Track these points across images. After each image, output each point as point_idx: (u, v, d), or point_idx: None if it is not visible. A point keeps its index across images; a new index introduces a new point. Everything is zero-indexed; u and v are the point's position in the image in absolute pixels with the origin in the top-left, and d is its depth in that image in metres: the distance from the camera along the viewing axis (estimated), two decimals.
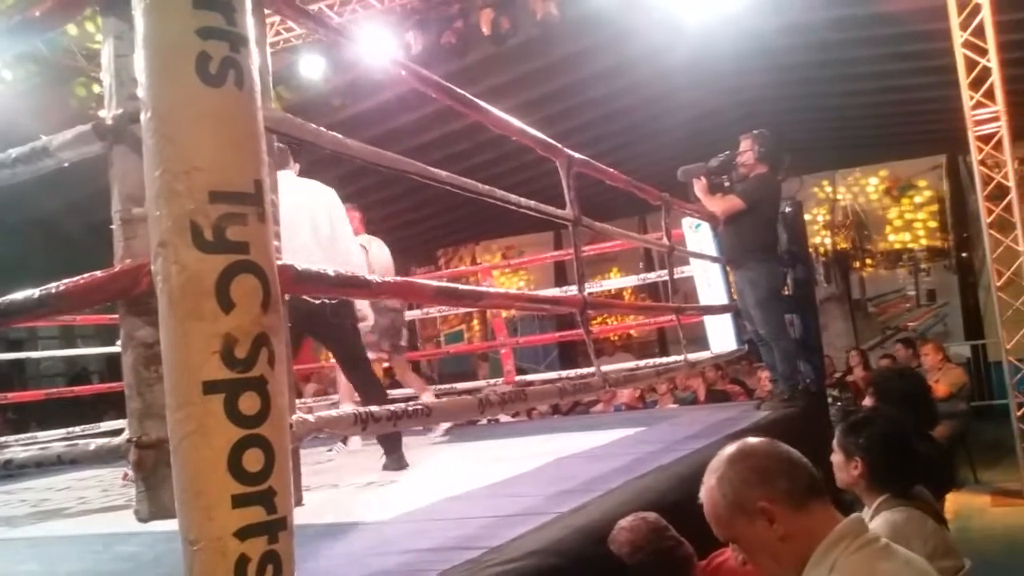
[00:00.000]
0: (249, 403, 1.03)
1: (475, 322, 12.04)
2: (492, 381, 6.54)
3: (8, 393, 7.18)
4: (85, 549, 2.52)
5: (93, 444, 1.68)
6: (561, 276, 10.54)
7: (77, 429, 5.47)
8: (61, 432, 5.37)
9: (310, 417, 1.58)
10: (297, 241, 3.26)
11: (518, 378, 5.71)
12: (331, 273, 1.59)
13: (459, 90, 2.35)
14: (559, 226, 9.39)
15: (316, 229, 3.37)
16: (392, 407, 1.89)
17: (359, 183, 7.67)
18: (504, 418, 6.25)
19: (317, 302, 3.12)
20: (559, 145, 2.96)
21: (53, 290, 1.63)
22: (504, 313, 6.26)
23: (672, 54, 6.92)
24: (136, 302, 1.60)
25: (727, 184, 4.69)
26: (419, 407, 1.84)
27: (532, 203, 2.70)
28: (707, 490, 1.43)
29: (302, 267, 1.55)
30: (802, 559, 1.32)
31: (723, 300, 5.17)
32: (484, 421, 6.05)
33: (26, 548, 2.68)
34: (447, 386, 6.15)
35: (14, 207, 7.69)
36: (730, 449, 1.44)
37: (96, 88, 8.31)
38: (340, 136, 1.88)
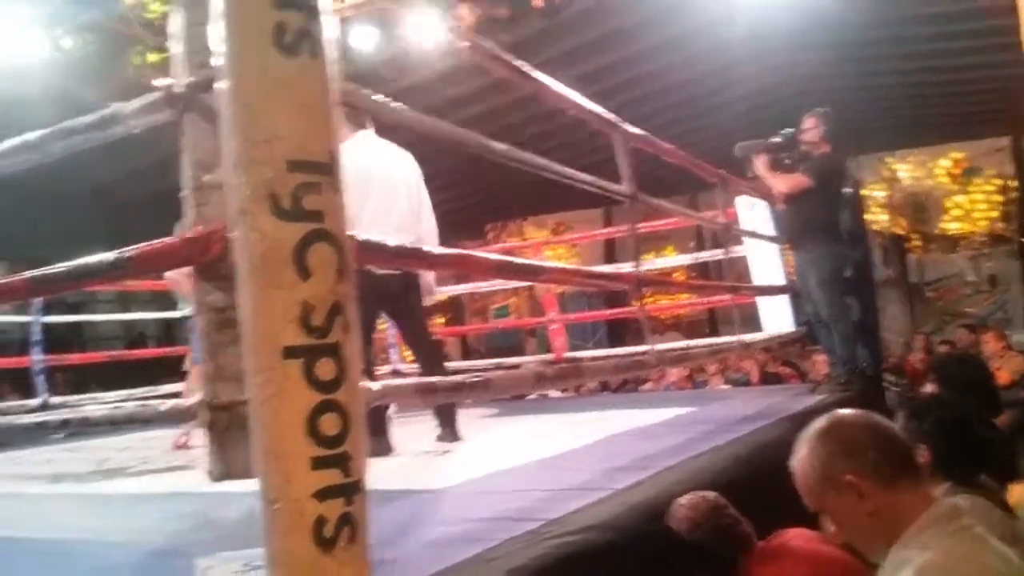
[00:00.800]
0: (326, 368, 1.05)
1: (519, 298, 12.06)
2: (541, 357, 6.56)
3: (69, 355, 7.43)
4: (151, 507, 2.61)
5: (165, 405, 1.74)
6: (610, 253, 10.48)
7: (138, 391, 5.64)
8: (122, 394, 5.54)
9: (376, 385, 1.60)
10: (395, 208, 3.25)
11: (567, 354, 5.72)
12: (390, 244, 1.60)
13: (518, 62, 2.34)
14: (609, 202, 9.32)
15: (410, 197, 3.33)
16: (453, 378, 1.90)
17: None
18: (553, 394, 6.27)
19: (391, 276, 3.11)
20: (616, 119, 2.94)
21: (127, 254, 1.68)
22: (556, 289, 6.26)
23: (729, 27, 6.79)
24: (208, 268, 1.64)
25: (787, 162, 4.61)
26: (478, 379, 1.86)
27: (589, 178, 2.68)
28: (798, 460, 1.42)
29: (362, 237, 1.56)
30: (891, 536, 1.30)
31: (778, 281, 5.09)
32: (533, 396, 6.08)
33: (95, 504, 2.78)
34: (495, 361, 6.19)
35: (72, 175, 7.87)
36: (822, 420, 1.43)
37: (151, 57, 8.44)
38: (404, 107, 1.89)
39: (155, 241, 1.63)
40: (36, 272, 1.71)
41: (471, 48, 2.32)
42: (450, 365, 4.90)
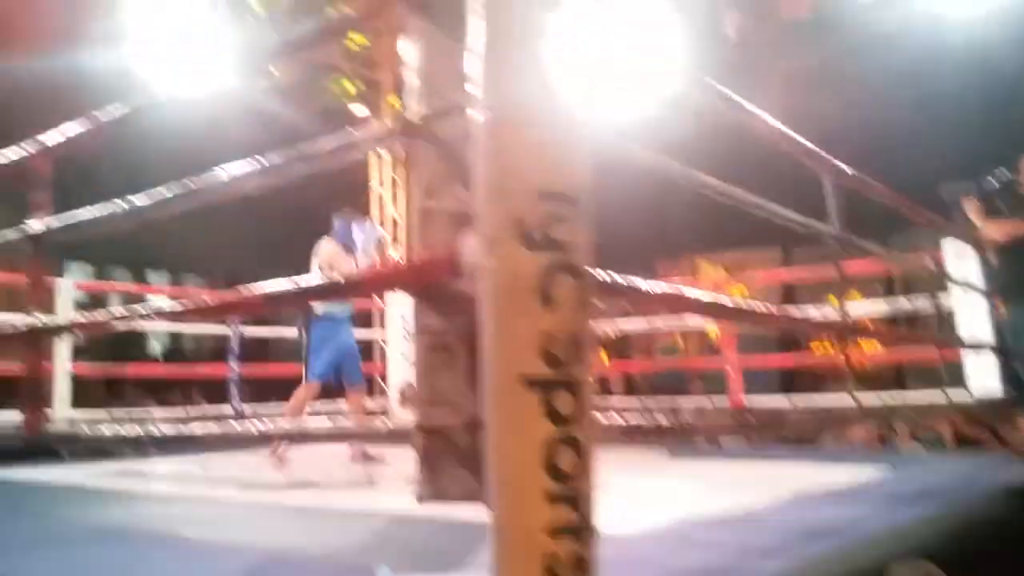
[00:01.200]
0: (564, 402, 1.04)
1: (686, 337, 11.76)
2: (714, 399, 6.33)
3: (265, 365, 7.93)
4: (354, 524, 2.64)
5: (385, 424, 1.79)
6: (788, 295, 10.03)
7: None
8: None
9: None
10: None
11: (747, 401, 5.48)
12: (619, 280, 1.58)
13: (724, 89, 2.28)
14: (789, 241, 8.93)
15: None
16: (656, 421, 1.85)
17: None
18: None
19: None
20: (826, 155, 2.80)
21: (347, 278, 1.75)
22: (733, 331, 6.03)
23: (936, 61, 6.38)
24: (428, 292, 1.68)
25: (1002, 208, 4.25)
26: (682, 422, 1.79)
27: (799, 216, 2.56)
28: None
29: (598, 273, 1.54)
30: None
31: (985, 335, 4.67)
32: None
33: (295, 517, 2.88)
34: (668, 397, 6.04)
35: (274, 196, 8.47)
36: None
37: (349, 86, 9.00)
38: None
39: (384, 266, 1.69)
40: (271, 289, 1.82)
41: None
42: (620, 401, 4.84)
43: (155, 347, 13.73)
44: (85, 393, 7.58)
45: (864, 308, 6.61)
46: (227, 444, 4.63)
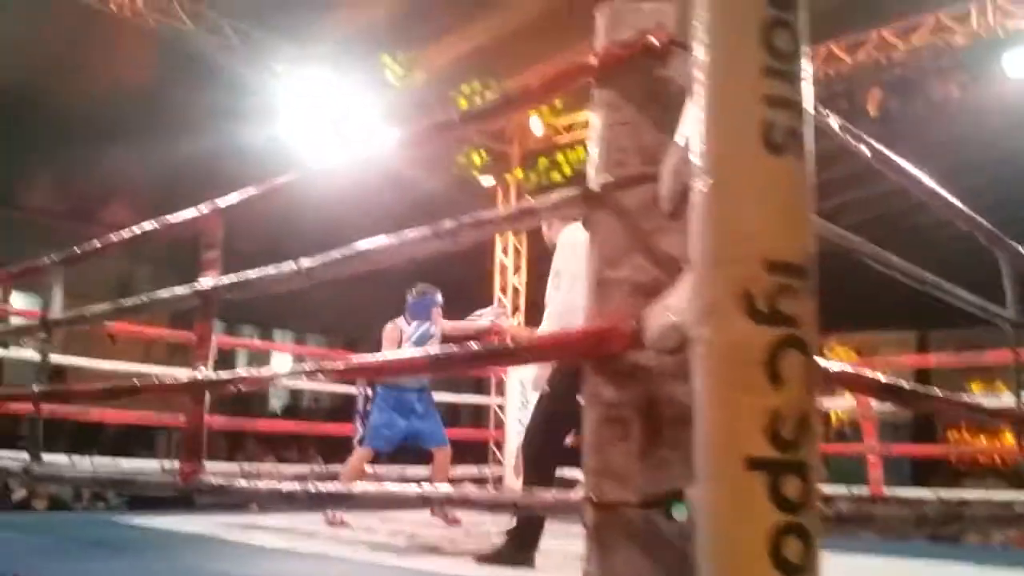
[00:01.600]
0: (792, 487, 0.96)
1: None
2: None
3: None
4: None
5: (552, 496, 1.74)
6: (923, 380, 9.47)
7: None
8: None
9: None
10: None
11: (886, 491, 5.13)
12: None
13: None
14: (926, 325, 8.47)
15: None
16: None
17: None
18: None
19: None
20: (1001, 234, 2.64)
21: (520, 344, 1.73)
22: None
23: None
24: (604, 362, 1.64)
25: None
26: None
27: (973, 297, 2.41)
28: None
29: None
30: None
31: None
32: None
33: None
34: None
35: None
36: None
37: (475, 157, 9.25)
38: None
39: (557, 332, 1.67)
40: (438, 352, 1.83)
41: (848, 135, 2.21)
42: None
43: (275, 403, 14.18)
44: (211, 445, 7.87)
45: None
46: (357, 503, 4.65)
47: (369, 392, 5.13)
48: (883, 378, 1.86)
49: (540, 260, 9.80)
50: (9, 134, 8.86)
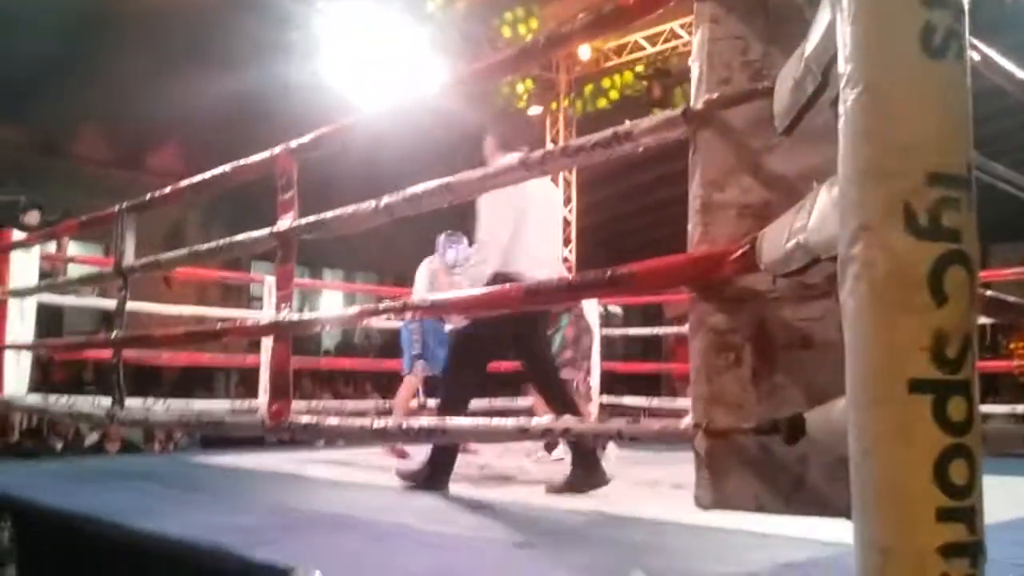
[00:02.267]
0: (956, 408, 0.93)
1: None
2: None
3: None
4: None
5: (658, 424, 1.73)
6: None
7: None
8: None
9: None
10: (554, 238, 3.46)
11: None
12: None
13: None
14: (986, 240, 8.18)
15: (560, 228, 3.58)
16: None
17: None
18: None
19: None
20: None
21: (627, 271, 1.70)
22: None
23: None
24: (712, 288, 1.60)
25: None
26: None
27: None
28: None
29: None
30: None
31: None
32: None
33: (486, 508, 2.86)
34: None
35: None
36: None
37: (519, 87, 9.08)
38: None
39: (661, 258, 1.63)
40: (534, 284, 1.80)
41: None
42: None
43: (327, 342, 14.41)
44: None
45: None
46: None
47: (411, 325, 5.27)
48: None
49: (588, 187, 9.69)
50: (59, 84, 8.91)
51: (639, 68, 8.65)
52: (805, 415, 1.35)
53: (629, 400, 6.95)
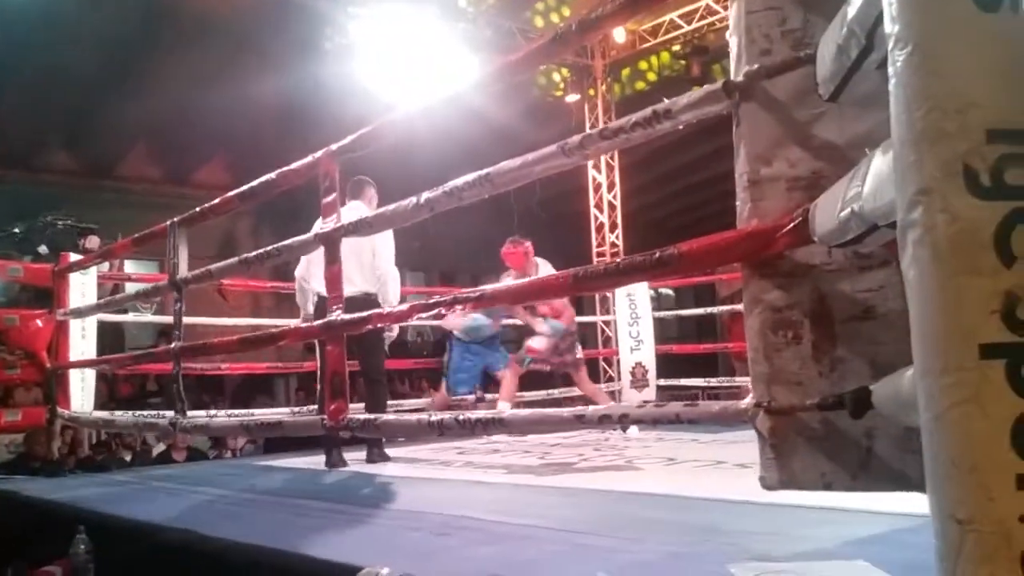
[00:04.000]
0: None
1: None
2: None
3: None
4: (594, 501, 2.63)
5: (717, 405, 1.71)
6: None
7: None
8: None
9: None
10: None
11: None
12: None
13: None
14: None
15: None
16: None
17: None
18: None
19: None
20: None
21: (674, 250, 1.68)
22: None
23: None
24: (766, 264, 1.57)
25: None
26: None
27: None
28: None
29: None
30: None
31: None
32: None
33: (552, 496, 2.88)
34: None
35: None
36: None
37: (555, 76, 9.04)
38: None
39: (710, 236, 1.61)
40: (580, 270, 1.79)
41: None
42: None
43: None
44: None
45: None
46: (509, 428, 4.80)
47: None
48: None
49: (631, 170, 9.59)
50: (103, 107, 9.13)
51: (676, 47, 8.55)
52: (871, 388, 1.32)
53: (686, 381, 6.90)
